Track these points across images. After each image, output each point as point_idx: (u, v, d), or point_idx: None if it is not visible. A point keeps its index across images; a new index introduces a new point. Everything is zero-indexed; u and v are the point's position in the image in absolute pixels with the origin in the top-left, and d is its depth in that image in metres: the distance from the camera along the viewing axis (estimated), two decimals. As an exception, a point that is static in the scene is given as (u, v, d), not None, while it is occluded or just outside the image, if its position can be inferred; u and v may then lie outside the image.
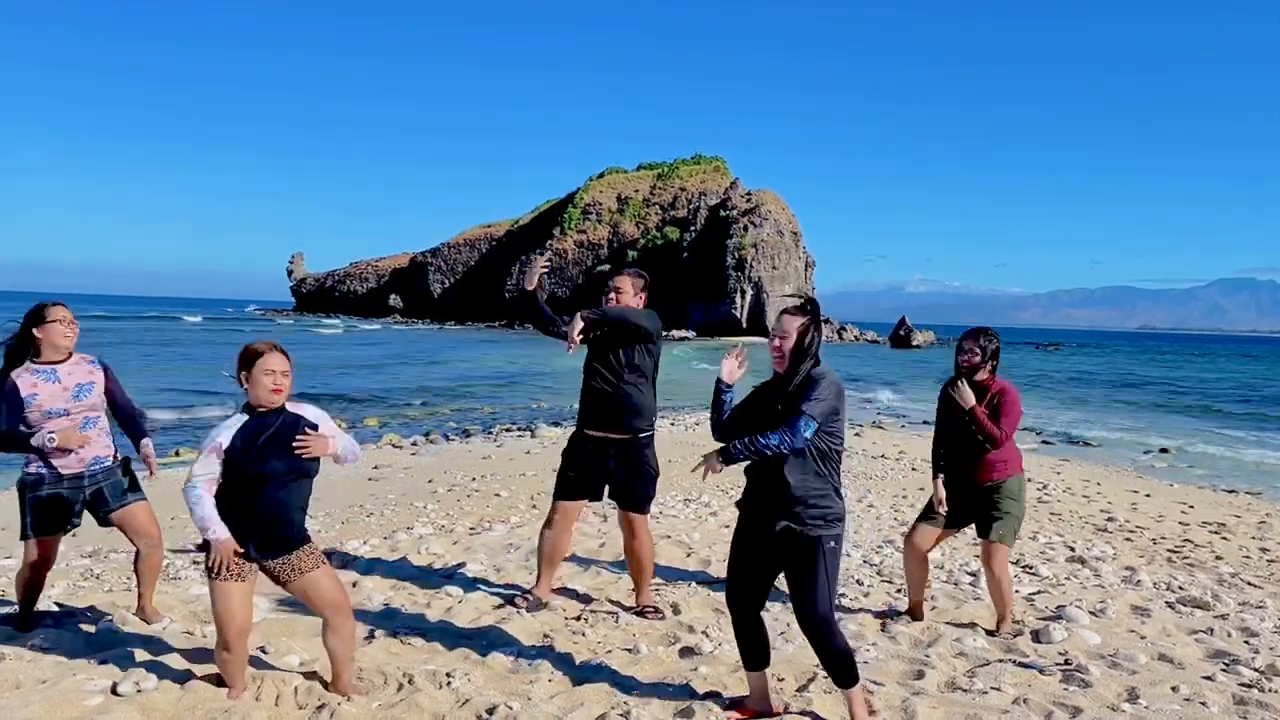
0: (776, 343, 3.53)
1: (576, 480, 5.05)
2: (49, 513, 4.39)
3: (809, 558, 3.49)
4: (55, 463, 4.35)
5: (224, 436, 3.51)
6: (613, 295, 4.99)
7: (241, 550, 3.55)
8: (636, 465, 4.99)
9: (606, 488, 5.09)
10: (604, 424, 4.92)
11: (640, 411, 4.94)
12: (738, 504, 3.72)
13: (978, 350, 4.85)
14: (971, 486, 4.92)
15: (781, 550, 3.56)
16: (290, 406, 3.63)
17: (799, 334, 3.49)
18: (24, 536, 4.43)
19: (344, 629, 3.76)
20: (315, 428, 3.62)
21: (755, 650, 3.74)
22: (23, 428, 4.22)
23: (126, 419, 4.62)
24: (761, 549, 3.61)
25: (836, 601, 3.68)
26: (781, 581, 3.65)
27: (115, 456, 4.58)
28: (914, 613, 5.16)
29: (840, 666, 3.55)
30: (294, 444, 3.52)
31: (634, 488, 5.02)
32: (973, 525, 5.04)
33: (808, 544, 3.49)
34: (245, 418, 3.56)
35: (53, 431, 4.21)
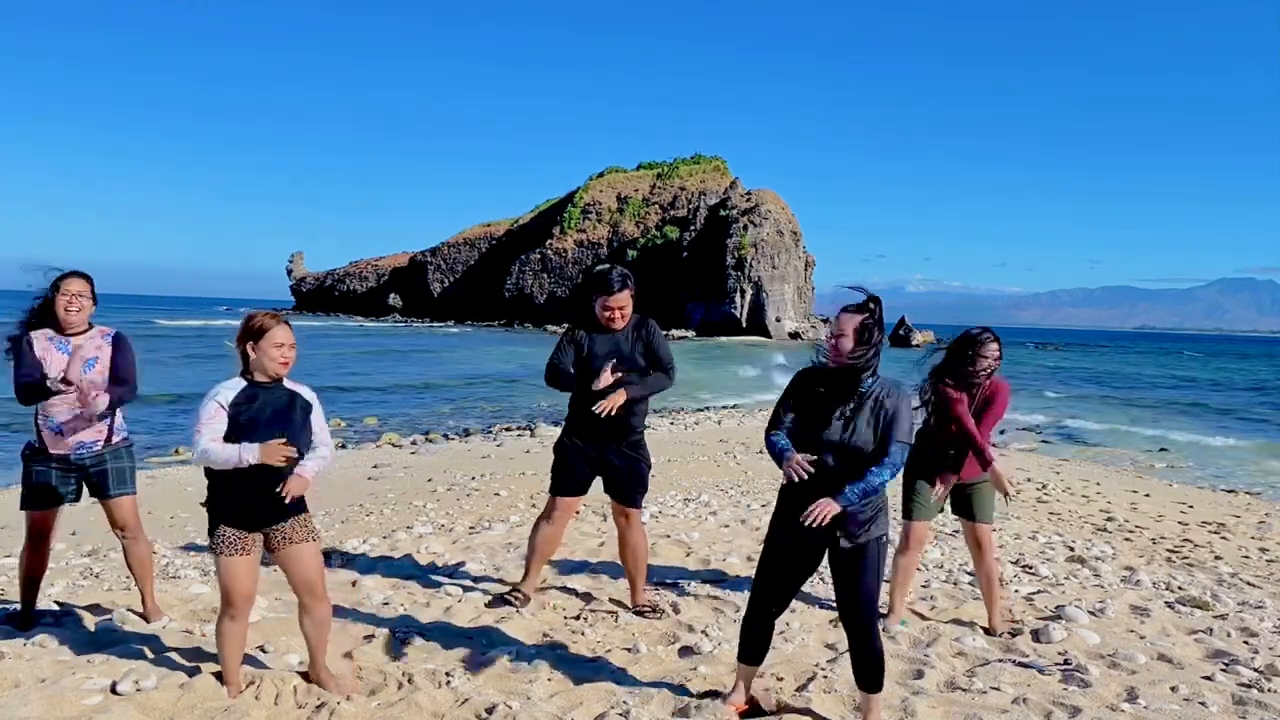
0: (834, 341, 3.45)
1: (575, 476, 5.06)
2: (40, 488, 4.44)
3: (858, 562, 3.51)
4: (45, 439, 4.39)
5: (224, 395, 3.56)
6: (616, 313, 4.87)
7: (241, 518, 3.58)
8: (632, 461, 5.01)
9: (600, 482, 5.11)
10: (603, 424, 4.92)
11: (637, 411, 4.99)
12: (778, 517, 3.60)
13: (999, 354, 4.83)
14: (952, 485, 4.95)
15: (828, 556, 3.56)
16: (288, 383, 3.69)
17: (855, 333, 3.41)
18: (21, 507, 4.51)
19: (317, 612, 3.78)
20: (309, 408, 3.70)
21: (760, 647, 3.77)
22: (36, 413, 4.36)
23: (118, 387, 4.50)
24: (806, 558, 3.60)
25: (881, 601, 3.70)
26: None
27: (109, 441, 4.50)
28: (897, 614, 5.15)
29: (873, 670, 3.59)
30: (278, 486, 3.54)
31: (629, 484, 5.04)
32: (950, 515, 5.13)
33: (858, 551, 3.51)
34: (244, 383, 3.61)
35: (62, 373, 4.24)
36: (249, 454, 3.48)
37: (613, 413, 4.75)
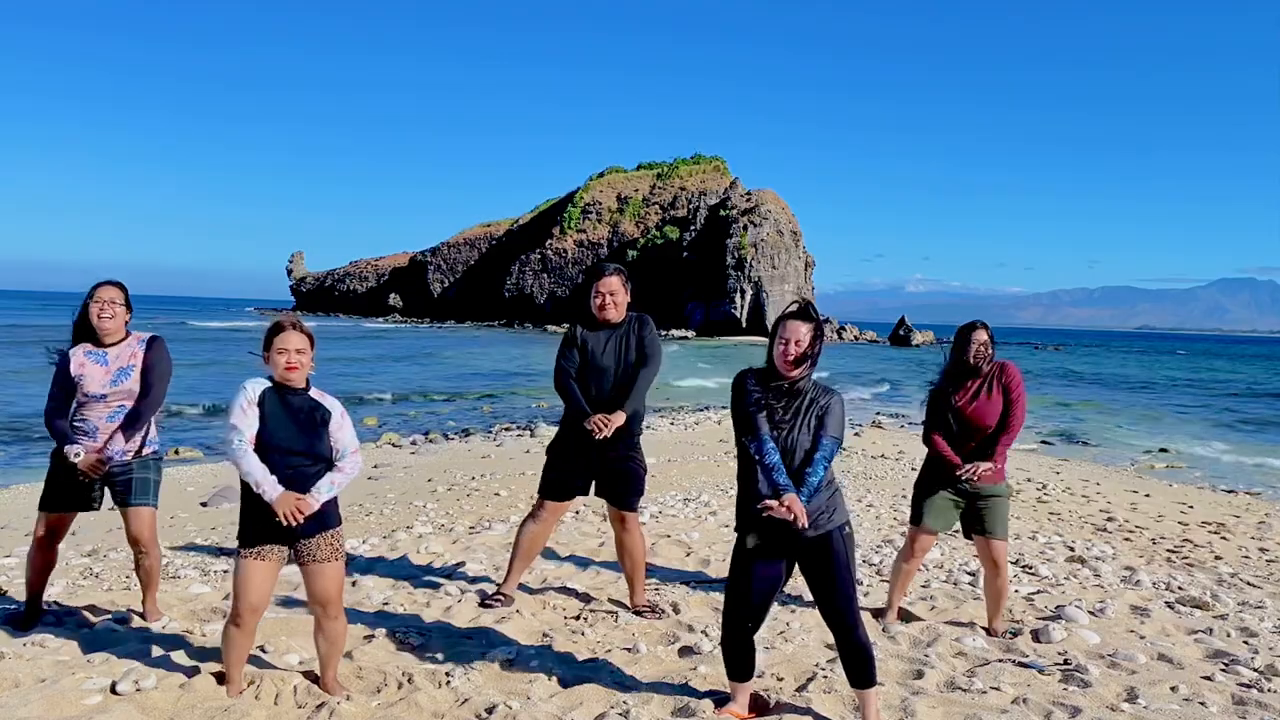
0: (793, 348, 3.52)
1: (566, 479, 5.05)
2: (60, 489, 4.45)
3: (825, 553, 3.55)
4: (79, 443, 4.36)
5: (252, 391, 3.56)
6: (607, 298, 4.89)
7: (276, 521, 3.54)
8: (626, 464, 4.99)
9: (594, 485, 5.09)
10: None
11: (635, 416, 4.98)
12: (744, 525, 3.64)
13: (989, 341, 4.88)
14: (963, 490, 4.93)
15: (798, 556, 3.60)
16: (314, 392, 3.68)
17: (810, 340, 3.54)
18: (40, 506, 4.50)
19: (331, 630, 3.77)
20: (329, 415, 3.66)
21: (746, 663, 3.76)
22: (72, 416, 4.39)
23: (140, 399, 4.46)
24: (777, 562, 3.62)
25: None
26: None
27: (140, 452, 4.50)
28: (893, 613, 5.14)
29: (862, 663, 3.58)
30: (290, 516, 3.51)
31: (624, 486, 5.03)
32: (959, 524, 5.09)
33: (821, 541, 3.55)
34: (269, 383, 3.61)
35: (79, 452, 4.30)
36: (270, 490, 3.48)
37: (609, 434, 4.79)
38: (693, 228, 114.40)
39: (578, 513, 8.02)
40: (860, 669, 3.59)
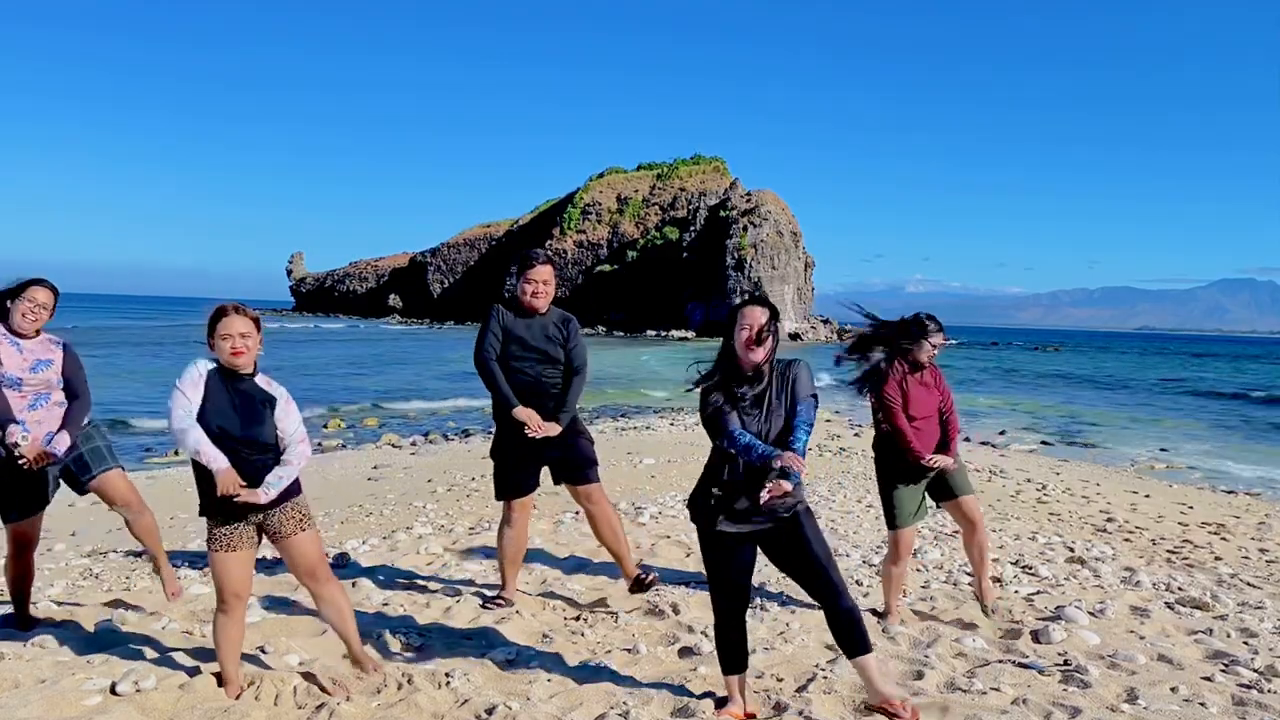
0: (746, 333, 3.53)
1: (519, 475, 5.08)
2: (16, 493, 4.38)
3: (796, 531, 3.63)
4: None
5: (203, 366, 3.55)
6: (540, 286, 4.96)
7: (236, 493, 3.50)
8: (571, 440, 5.04)
9: (546, 473, 5.16)
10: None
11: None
12: (704, 512, 3.68)
13: (941, 343, 5.00)
14: (922, 471, 5.00)
15: (767, 540, 3.66)
16: (260, 379, 3.65)
17: (768, 323, 3.57)
18: (1, 520, 4.44)
19: (330, 596, 3.79)
20: (273, 402, 3.63)
21: (741, 654, 3.78)
22: None
23: (73, 401, 4.49)
24: (749, 545, 3.69)
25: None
26: (769, 583, 3.66)
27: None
28: (894, 615, 5.16)
29: (854, 629, 3.64)
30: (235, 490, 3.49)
31: (575, 462, 5.08)
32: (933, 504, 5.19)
33: (794, 521, 3.63)
34: (216, 365, 3.59)
35: (21, 437, 4.22)
36: (218, 462, 3.46)
37: (543, 435, 4.86)
38: (692, 228, 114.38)
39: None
40: (853, 636, 3.64)
